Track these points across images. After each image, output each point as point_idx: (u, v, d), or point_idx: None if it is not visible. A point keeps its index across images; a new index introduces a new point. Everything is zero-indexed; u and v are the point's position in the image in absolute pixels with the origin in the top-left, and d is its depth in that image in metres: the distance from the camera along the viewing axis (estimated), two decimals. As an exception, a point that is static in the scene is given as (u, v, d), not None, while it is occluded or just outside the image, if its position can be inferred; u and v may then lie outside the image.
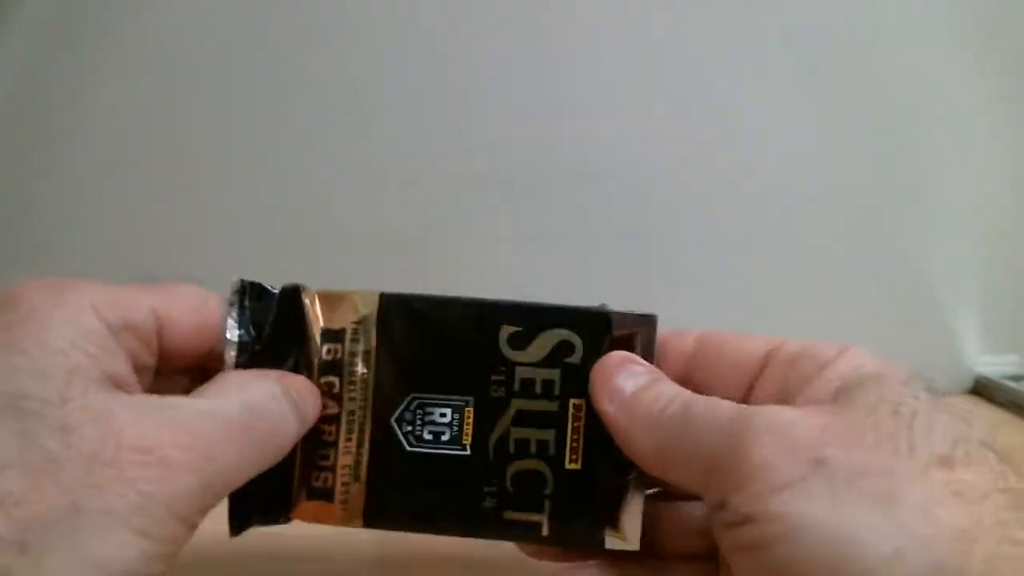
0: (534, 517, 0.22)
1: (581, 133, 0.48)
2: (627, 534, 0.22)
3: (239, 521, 0.22)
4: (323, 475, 0.23)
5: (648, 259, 0.51)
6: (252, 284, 0.24)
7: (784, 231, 0.50)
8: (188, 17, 0.46)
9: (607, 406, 0.22)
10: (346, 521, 0.23)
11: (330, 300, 0.24)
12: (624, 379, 0.22)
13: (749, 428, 0.18)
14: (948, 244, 0.51)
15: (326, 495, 0.23)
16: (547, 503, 0.22)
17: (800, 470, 0.16)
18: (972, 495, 0.16)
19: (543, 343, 0.23)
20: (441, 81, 0.47)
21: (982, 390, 0.53)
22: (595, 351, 0.23)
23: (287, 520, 0.23)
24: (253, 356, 0.22)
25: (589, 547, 0.22)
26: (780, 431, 0.17)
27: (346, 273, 0.51)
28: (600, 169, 0.49)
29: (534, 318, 0.23)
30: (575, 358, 0.23)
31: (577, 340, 0.23)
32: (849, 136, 0.49)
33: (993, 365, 0.53)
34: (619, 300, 0.52)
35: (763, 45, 0.47)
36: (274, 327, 0.23)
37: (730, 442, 0.18)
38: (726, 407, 0.19)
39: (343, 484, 0.23)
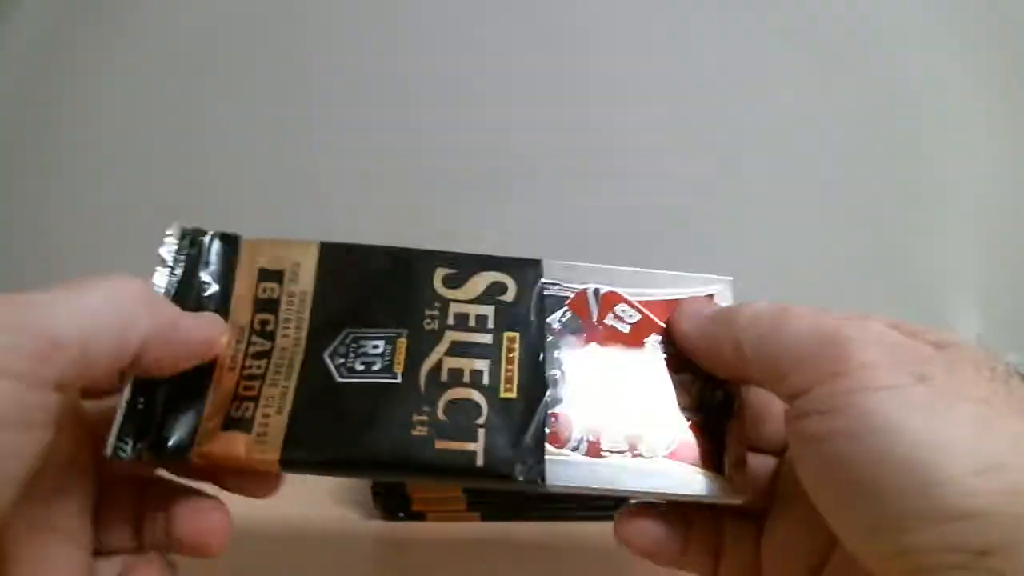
0: (468, 446, 0.21)
1: (581, 133, 0.48)
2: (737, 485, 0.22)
3: (127, 438, 0.20)
4: (244, 404, 0.22)
5: (647, 258, 0.50)
6: (189, 230, 0.25)
7: (783, 230, 0.50)
8: (189, 18, 0.46)
9: (700, 318, 0.23)
10: (261, 454, 0.21)
11: (271, 246, 0.25)
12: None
13: (856, 333, 0.18)
14: (948, 244, 0.51)
15: (244, 425, 0.21)
16: (481, 432, 0.21)
17: (902, 379, 0.17)
18: None
19: (476, 283, 0.24)
20: (440, 82, 0.47)
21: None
22: (527, 291, 0.24)
23: (187, 456, 0.21)
24: (175, 296, 0.23)
25: (526, 483, 0.21)
26: (889, 344, 0.18)
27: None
28: (600, 169, 0.49)
29: (468, 262, 0.25)
30: (508, 296, 0.24)
31: (510, 281, 0.24)
32: (848, 135, 0.49)
33: (993, 365, 0.53)
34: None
35: (760, 44, 0.47)
36: (204, 268, 0.24)
37: (833, 339, 0.18)
38: (833, 313, 0.19)
39: (264, 416, 0.21)
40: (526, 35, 0.46)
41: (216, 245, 0.25)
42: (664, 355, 0.24)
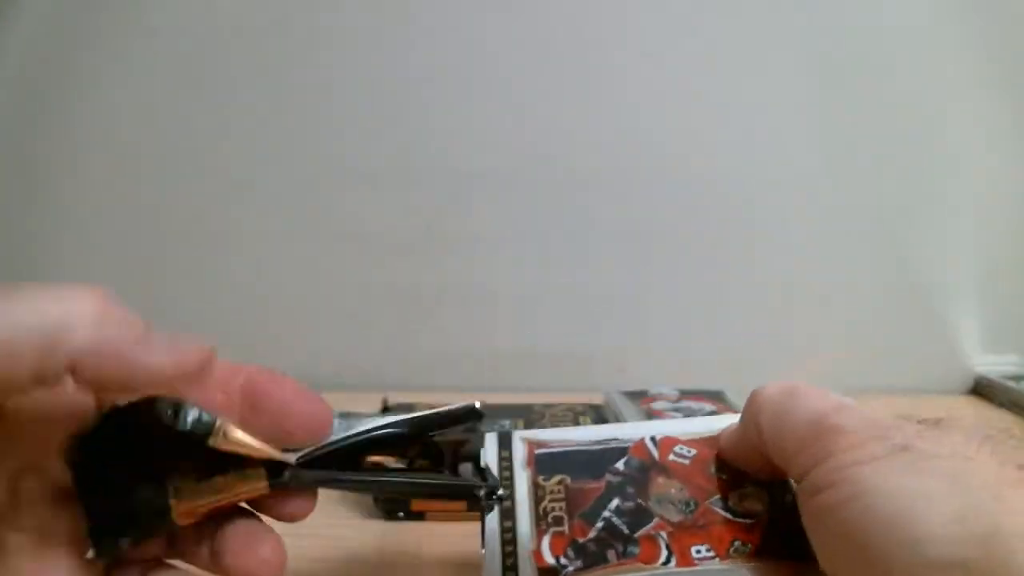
0: None
1: (581, 133, 0.48)
2: None
3: (104, 537, 0.19)
4: None
5: (648, 259, 0.51)
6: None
7: (786, 232, 0.50)
8: (189, 18, 0.46)
9: (732, 428, 0.25)
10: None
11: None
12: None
13: (843, 418, 0.20)
14: (948, 245, 0.51)
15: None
16: None
17: (885, 450, 0.18)
18: None
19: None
20: (440, 82, 0.47)
21: (982, 390, 0.53)
22: None
23: (168, 518, 0.20)
24: None
25: None
26: (872, 423, 0.19)
27: (344, 273, 0.51)
28: (600, 169, 0.49)
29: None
30: None
31: None
32: (851, 139, 0.49)
33: (993, 365, 0.53)
34: (619, 300, 0.52)
35: (766, 49, 0.47)
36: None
37: (825, 424, 0.20)
38: (829, 399, 0.21)
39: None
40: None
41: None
42: (725, 476, 0.25)
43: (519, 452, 0.26)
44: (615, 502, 0.24)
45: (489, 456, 0.26)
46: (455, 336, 0.51)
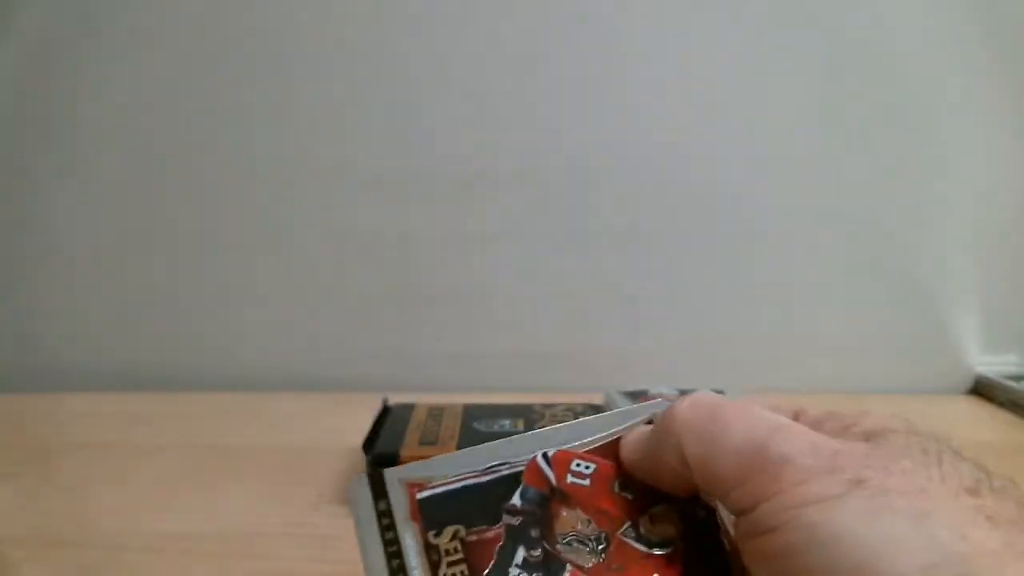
0: None
1: (581, 133, 0.48)
2: None
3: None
4: None
5: (648, 259, 0.51)
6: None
7: (785, 231, 0.50)
8: (189, 18, 0.46)
9: (639, 443, 0.22)
10: None
11: None
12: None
13: (787, 448, 0.18)
14: (948, 245, 0.51)
15: None
16: None
17: (839, 487, 0.17)
18: (1001, 520, 0.16)
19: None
20: (438, 85, 0.47)
21: (982, 390, 0.53)
22: None
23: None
24: None
25: None
26: (820, 454, 0.18)
27: (344, 273, 0.51)
28: (600, 169, 0.49)
29: None
30: None
31: None
32: (850, 139, 0.49)
33: (993, 365, 0.53)
34: (619, 300, 0.52)
35: (766, 49, 0.47)
36: None
37: (767, 457, 0.18)
38: (762, 420, 0.19)
39: None
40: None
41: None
42: (631, 496, 0.22)
43: (399, 501, 0.21)
44: (519, 554, 0.21)
45: (361, 512, 0.21)
46: (455, 336, 0.51)
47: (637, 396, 0.43)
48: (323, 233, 0.50)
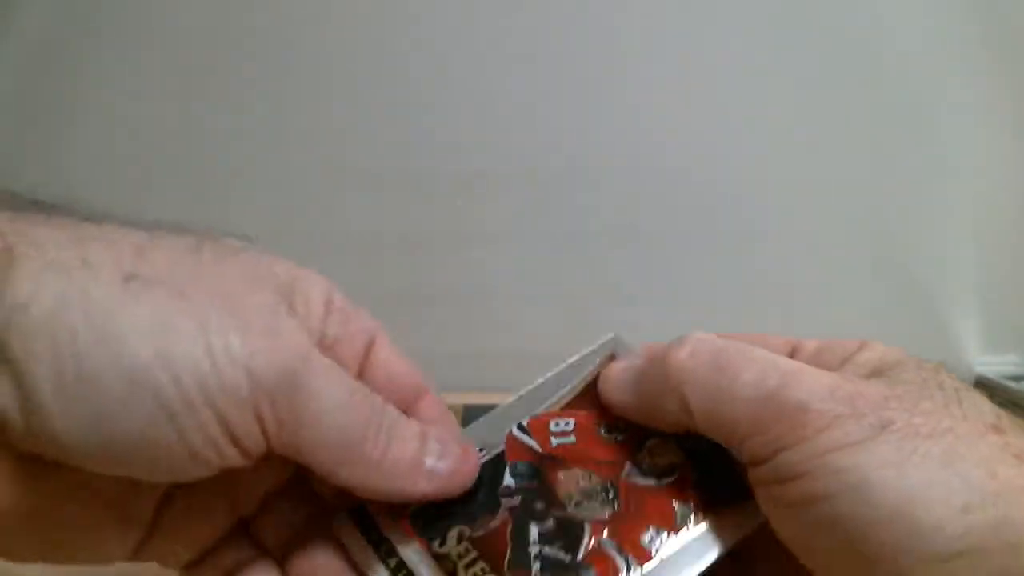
0: None
1: (581, 133, 0.48)
2: None
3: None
4: None
5: (648, 259, 0.51)
6: None
7: (785, 231, 0.50)
8: (189, 19, 0.46)
9: (628, 383, 0.22)
10: None
11: None
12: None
13: (805, 394, 0.18)
14: (948, 244, 0.51)
15: None
16: None
17: (865, 432, 0.17)
18: None
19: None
20: (438, 84, 0.47)
21: (982, 390, 0.52)
22: None
23: None
24: None
25: None
26: (840, 396, 0.17)
27: (343, 273, 0.51)
28: (600, 169, 0.49)
29: None
30: None
31: None
32: (850, 137, 0.49)
33: (993, 365, 0.53)
34: (618, 302, 0.52)
35: (765, 49, 0.47)
36: None
37: (785, 404, 0.18)
38: (772, 367, 0.19)
39: None
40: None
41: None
42: (622, 437, 0.22)
43: (390, 525, 0.20)
44: (533, 531, 0.20)
45: (355, 547, 0.20)
46: (454, 336, 0.51)
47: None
48: (322, 232, 0.50)
